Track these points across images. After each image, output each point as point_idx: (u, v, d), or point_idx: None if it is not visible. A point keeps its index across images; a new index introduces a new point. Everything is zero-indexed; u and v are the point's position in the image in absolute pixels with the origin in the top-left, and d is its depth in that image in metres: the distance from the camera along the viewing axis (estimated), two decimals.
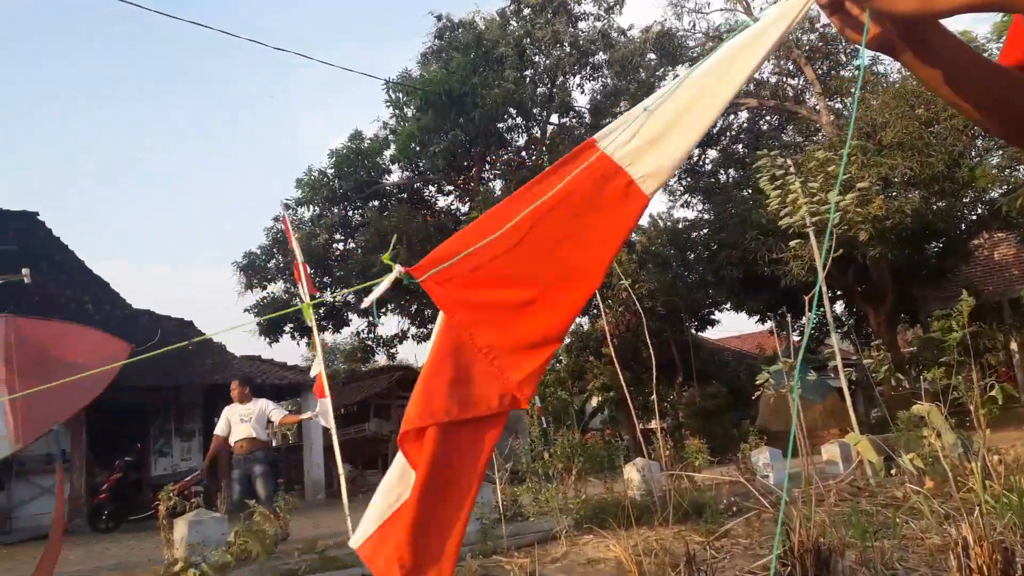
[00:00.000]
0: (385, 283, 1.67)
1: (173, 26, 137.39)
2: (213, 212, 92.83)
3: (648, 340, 8.05)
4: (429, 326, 24.05)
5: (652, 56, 21.50)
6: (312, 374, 8.64)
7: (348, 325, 23.94)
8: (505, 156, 22.45)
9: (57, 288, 16.61)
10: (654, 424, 12.97)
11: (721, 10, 27.22)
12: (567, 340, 28.04)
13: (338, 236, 22.36)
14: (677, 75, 8.55)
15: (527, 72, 21.06)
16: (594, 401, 27.19)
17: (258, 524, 5.92)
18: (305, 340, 23.61)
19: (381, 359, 28.17)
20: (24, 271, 1.84)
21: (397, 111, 21.15)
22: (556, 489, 7.51)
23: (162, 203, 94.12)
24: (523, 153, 22.42)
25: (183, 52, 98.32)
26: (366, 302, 1.70)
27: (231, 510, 7.44)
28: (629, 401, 8.60)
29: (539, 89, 21.52)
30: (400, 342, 24.37)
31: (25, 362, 1.61)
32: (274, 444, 26.52)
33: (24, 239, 17.02)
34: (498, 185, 21.86)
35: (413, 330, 24.14)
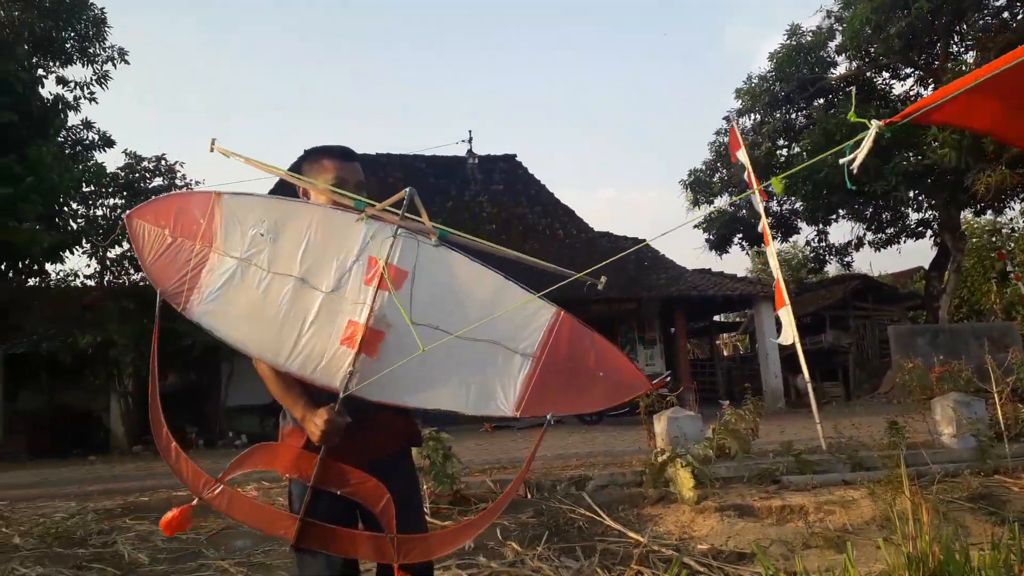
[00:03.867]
0: (867, 142, 1.53)
1: None
2: (654, 137, 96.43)
3: None
4: (888, 230, 21.87)
5: None
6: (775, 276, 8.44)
7: (797, 233, 23.09)
8: (980, 21, 18.86)
9: (535, 218, 19.22)
10: None
11: None
12: None
13: (781, 142, 21.47)
14: None
15: None
16: None
17: (733, 424, 6.25)
18: (755, 250, 23.49)
19: (831, 269, 26.65)
20: (602, 279, 2.04)
21: None
22: None
23: (600, 133, 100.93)
24: (1005, 14, 18.57)
25: None
26: (854, 163, 1.55)
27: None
28: None
29: None
30: (856, 249, 22.67)
31: (554, 355, 1.90)
32: (724, 354, 26.87)
33: (508, 178, 19.97)
34: (970, 57, 18.56)
35: (869, 236, 22.23)
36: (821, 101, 20.80)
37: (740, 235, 21.98)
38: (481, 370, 1.92)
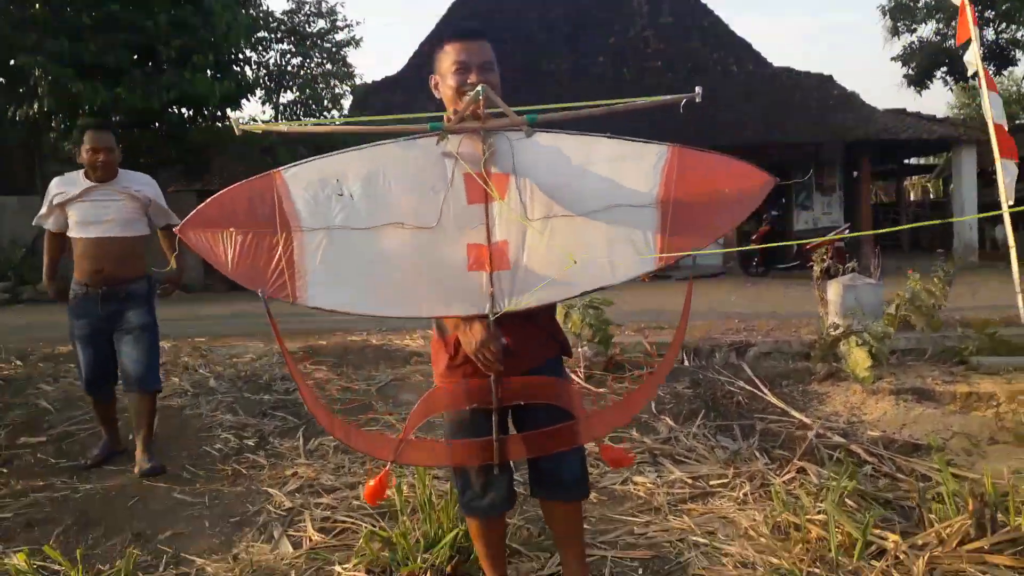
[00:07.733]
0: None
1: None
2: None
3: None
4: None
5: None
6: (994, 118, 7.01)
7: (1014, 65, 19.97)
8: None
9: (706, 53, 17.77)
10: None
11: None
12: None
13: None
14: None
15: None
16: None
17: (921, 300, 5.68)
18: (959, 84, 20.67)
19: None
20: (697, 90, 1.82)
21: None
22: None
23: None
24: None
25: None
26: None
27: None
28: None
29: None
30: None
31: (678, 191, 1.73)
32: (911, 198, 24.31)
33: (678, 8, 18.40)
34: None
35: None
36: None
37: (945, 68, 19.33)
38: (614, 237, 1.82)
